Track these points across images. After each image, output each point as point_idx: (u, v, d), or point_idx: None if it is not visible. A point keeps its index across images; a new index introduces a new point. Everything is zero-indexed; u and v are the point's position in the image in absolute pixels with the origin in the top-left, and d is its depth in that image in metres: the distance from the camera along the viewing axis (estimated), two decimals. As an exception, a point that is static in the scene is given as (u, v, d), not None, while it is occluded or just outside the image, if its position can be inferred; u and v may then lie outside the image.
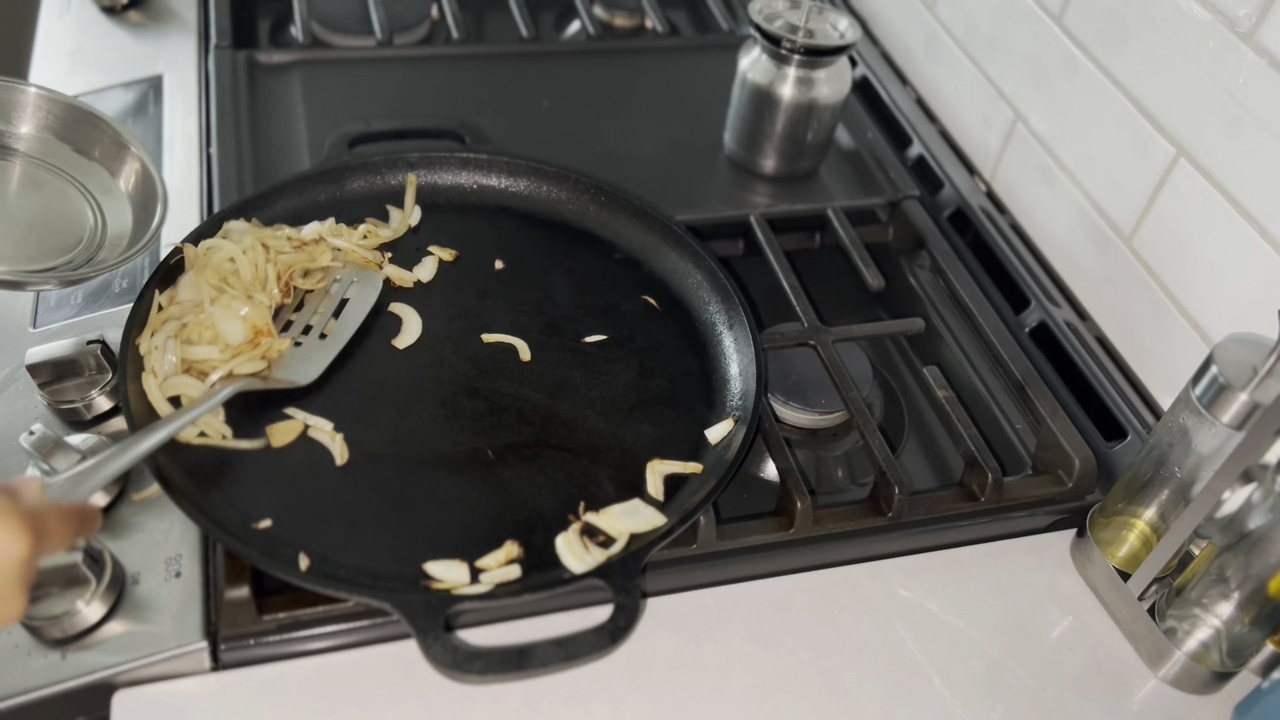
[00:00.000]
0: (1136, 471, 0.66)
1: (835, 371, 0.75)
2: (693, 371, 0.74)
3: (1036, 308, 0.85)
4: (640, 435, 0.69)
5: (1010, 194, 0.94)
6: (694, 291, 0.78)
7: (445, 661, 0.54)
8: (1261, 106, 0.67)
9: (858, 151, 0.99)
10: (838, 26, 0.88)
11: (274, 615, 0.59)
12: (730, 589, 0.65)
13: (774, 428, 0.70)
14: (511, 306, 0.76)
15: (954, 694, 0.62)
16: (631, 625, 0.57)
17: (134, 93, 0.94)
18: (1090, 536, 0.68)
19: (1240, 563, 0.59)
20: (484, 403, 0.70)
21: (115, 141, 0.73)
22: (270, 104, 0.94)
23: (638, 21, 1.14)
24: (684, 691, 0.60)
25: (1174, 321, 0.76)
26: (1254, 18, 0.67)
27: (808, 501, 0.66)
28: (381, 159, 0.82)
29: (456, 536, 0.62)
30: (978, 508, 0.70)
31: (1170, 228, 0.76)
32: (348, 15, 1.05)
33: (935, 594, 0.67)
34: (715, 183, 0.94)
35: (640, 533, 0.63)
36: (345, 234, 0.77)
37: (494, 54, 1.04)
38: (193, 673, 0.58)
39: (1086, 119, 0.83)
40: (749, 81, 0.90)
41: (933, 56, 1.03)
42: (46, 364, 0.66)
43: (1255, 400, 0.57)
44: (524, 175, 0.84)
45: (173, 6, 1.04)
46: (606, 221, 0.82)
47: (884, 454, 0.69)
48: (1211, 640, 0.62)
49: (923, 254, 0.89)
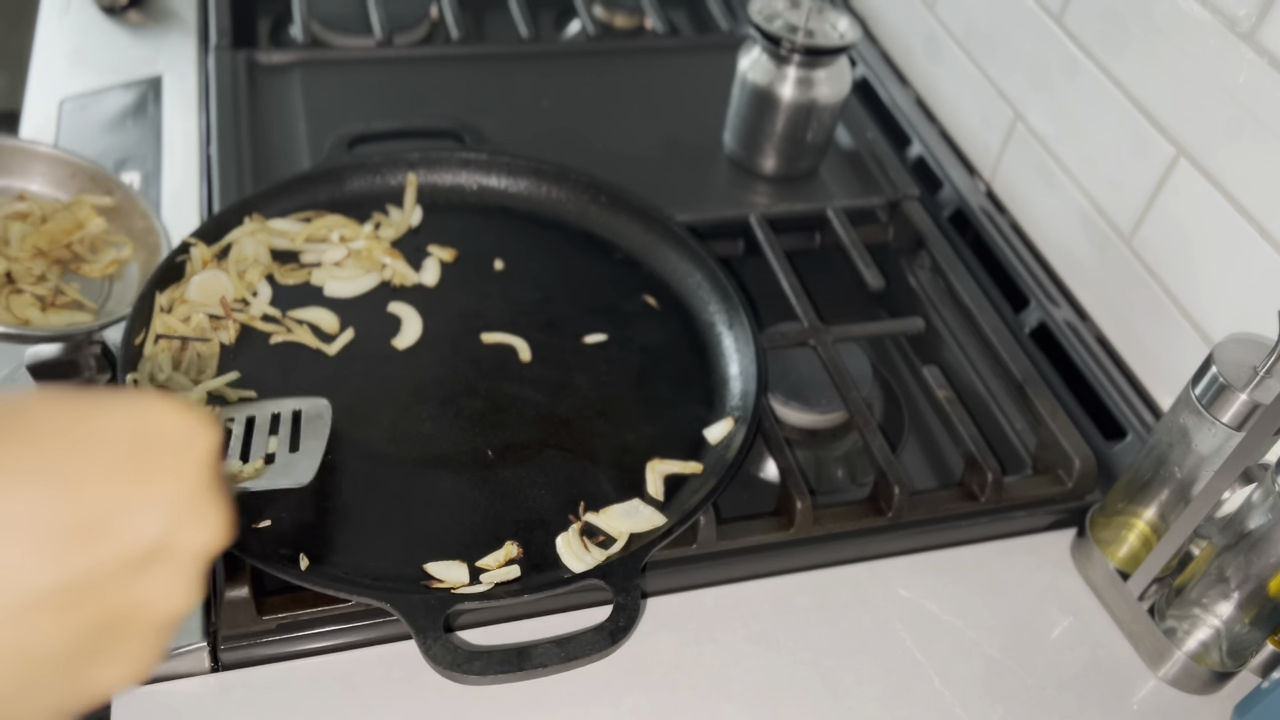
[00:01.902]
0: (1136, 471, 0.66)
1: (835, 371, 0.75)
2: (693, 371, 0.74)
3: (1036, 308, 0.85)
4: (640, 435, 0.69)
5: (1010, 194, 0.94)
6: (694, 291, 0.78)
7: (445, 661, 0.54)
8: (1261, 106, 0.67)
9: (858, 151, 0.98)
10: (838, 26, 0.88)
11: (274, 615, 0.59)
12: (730, 589, 0.65)
13: (774, 428, 0.70)
14: (511, 306, 0.76)
15: (954, 694, 0.62)
16: (631, 625, 0.57)
17: (134, 93, 0.94)
18: (1090, 536, 0.68)
19: (1240, 563, 0.59)
20: (484, 403, 0.70)
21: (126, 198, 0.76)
22: (270, 104, 0.94)
23: (637, 22, 1.14)
24: (684, 691, 0.60)
25: (1174, 321, 0.76)
26: (1254, 18, 0.67)
27: (808, 501, 0.66)
28: (381, 159, 0.82)
29: (456, 536, 0.62)
30: (977, 508, 0.70)
31: (1170, 228, 0.76)
32: (348, 15, 1.05)
33: (935, 594, 0.67)
34: (715, 183, 0.94)
35: (640, 533, 0.63)
36: (353, 229, 0.77)
37: (494, 54, 1.04)
38: (193, 673, 0.58)
39: (1086, 119, 0.83)
40: (749, 81, 0.90)
41: (933, 56, 1.03)
42: (46, 364, 0.66)
43: (1255, 400, 0.57)
44: (524, 175, 0.84)
45: (173, 6, 1.04)
46: (606, 221, 0.82)
47: (884, 454, 0.69)
48: (1211, 640, 0.62)
49: (923, 254, 0.89)
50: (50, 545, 0.28)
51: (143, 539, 0.30)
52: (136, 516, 0.30)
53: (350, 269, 0.76)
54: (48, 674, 0.29)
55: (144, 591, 0.31)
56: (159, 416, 0.31)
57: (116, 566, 0.30)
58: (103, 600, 0.30)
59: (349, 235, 0.77)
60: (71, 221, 0.72)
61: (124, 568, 0.30)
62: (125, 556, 0.30)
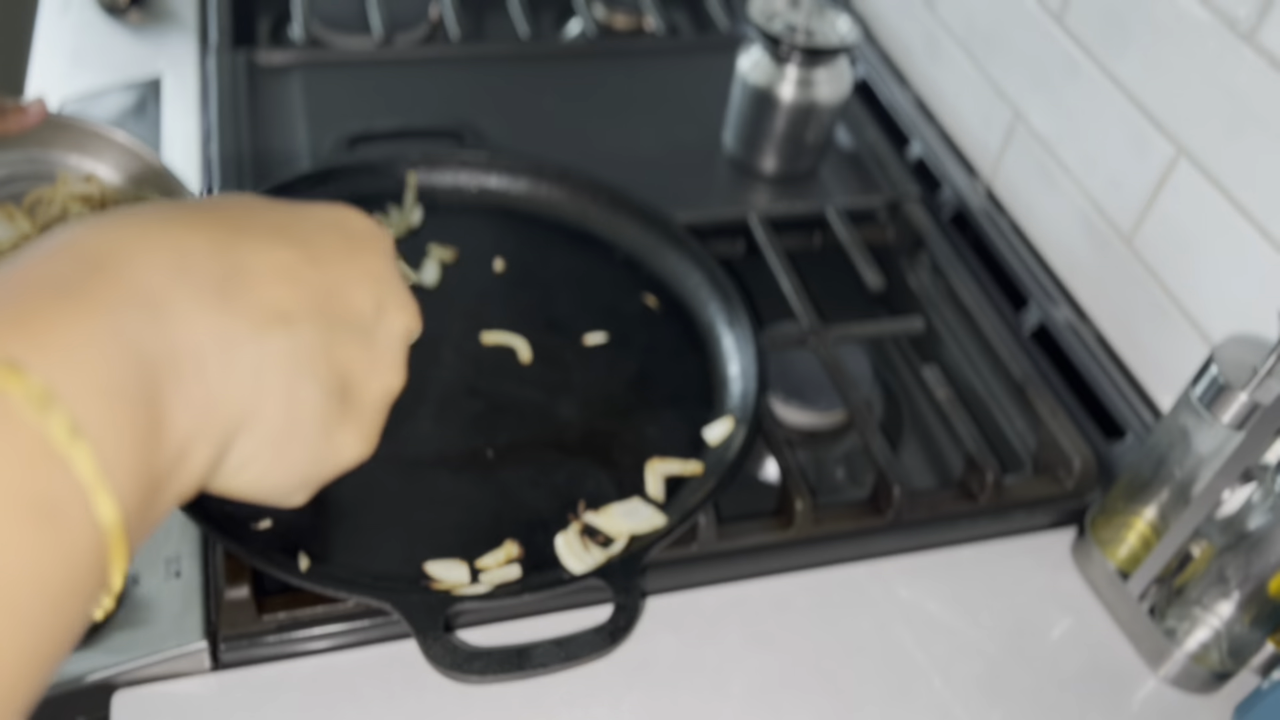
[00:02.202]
0: (1136, 471, 0.66)
1: (835, 371, 0.75)
2: (693, 371, 0.74)
3: (1036, 308, 0.85)
4: (640, 435, 0.69)
5: (1010, 194, 0.94)
6: (694, 292, 0.78)
7: (445, 661, 0.54)
8: (1261, 106, 0.67)
9: (858, 151, 0.99)
10: (837, 26, 0.88)
11: (274, 615, 0.59)
12: (730, 589, 0.65)
13: (774, 428, 0.70)
14: (511, 306, 0.76)
15: (954, 694, 0.62)
16: (631, 625, 0.57)
17: (134, 93, 0.94)
18: (1090, 536, 0.68)
19: (1240, 563, 0.59)
20: (484, 403, 0.70)
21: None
22: (270, 104, 0.94)
23: (637, 22, 1.14)
24: (684, 691, 0.60)
25: (1174, 321, 0.76)
26: (1254, 18, 0.67)
27: (808, 501, 0.66)
28: (381, 159, 0.82)
29: (456, 536, 0.62)
30: (977, 508, 0.70)
31: (1170, 228, 0.76)
32: (348, 15, 1.05)
33: (935, 594, 0.67)
34: (715, 183, 0.94)
35: (640, 533, 0.63)
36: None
37: (494, 54, 1.04)
38: (192, 673, 0.57)
39: (1086, 119, 0.83)
40: (749, 82, 0.90)
41: (933, 56, 1.03)
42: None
43: (1255, 400, 0.57)
44: (524, 175, 0.84)
45: (173, 7, 1.04)
46: (606, 221, 0.82)
47: (884, 454, 0.69)
48: (1211, 640, 0.62)
49: (923, 254, 0.89)
50: (310, 296, 0.32)
51: (366, 308, 0.35)
52: (360, 287, 0.34)
53: None
54: (309, 422, 0.32)
55: (373, 357, 0.35)
56: (352, 217, 0.36)
57: (352, 328, 0.34)
58: (345, 355, 0.33)
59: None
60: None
61: (356, 331, 0.34)
62: (359, 316, 0.34)
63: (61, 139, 0.73)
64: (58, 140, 0.73)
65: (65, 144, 0.74)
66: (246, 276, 0.30)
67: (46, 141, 0.73)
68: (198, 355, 0.28)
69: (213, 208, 0.32)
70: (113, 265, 0.27)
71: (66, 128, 0.73)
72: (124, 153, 0.75)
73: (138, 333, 0.26)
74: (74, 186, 0.72)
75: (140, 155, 0.75)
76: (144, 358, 0.26)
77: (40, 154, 0.73)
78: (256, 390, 0.30)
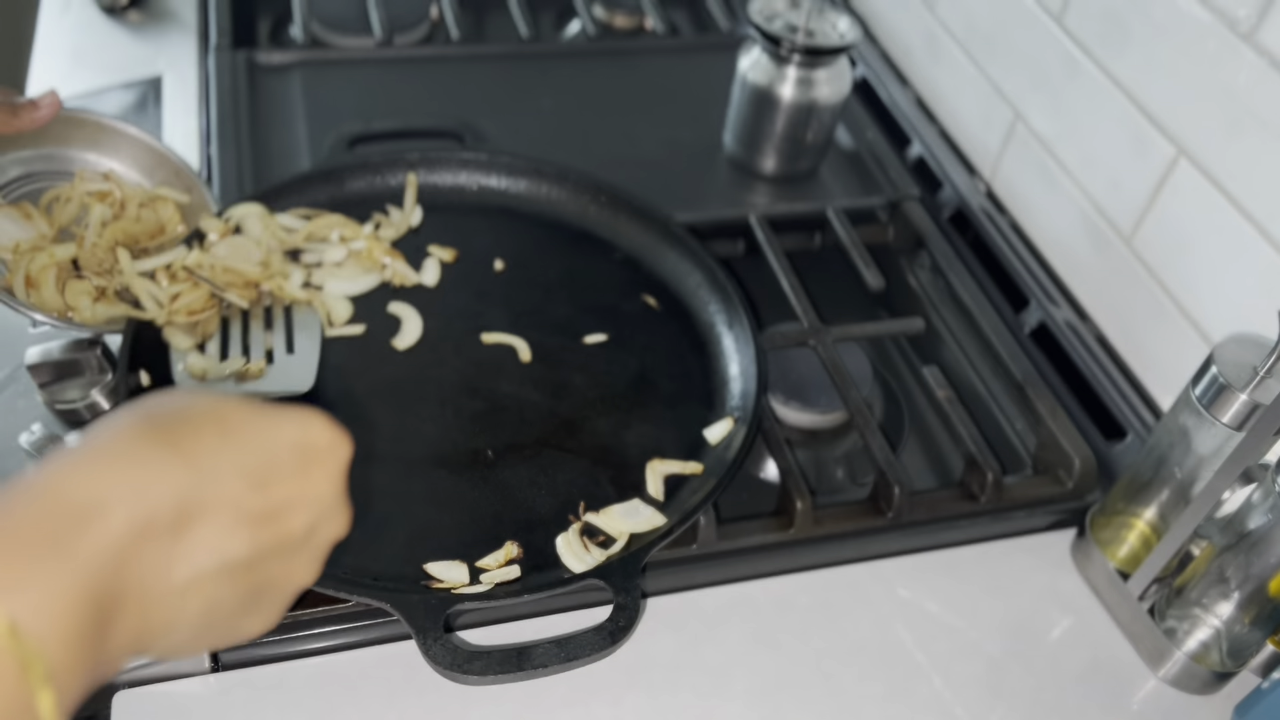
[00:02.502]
0: (1136, 471, 0.66)
1: (835, 371, 0.75)
2: (693, 371, 0.74)
3: (1036, 308, 0.85)
4: (640, 435, 0.69)
5: (1010, 194, 0.94)
6: (694, 292, 0.78)
7: (445, 661, 0.54)
8: (1261, 106, 0.67)
9: (858, 151, 0.99)
10: (838, 26, 0.88)
11: (274, 615, 0.59)
12: (730, 589, 0.65)
13: (774, 428, 0.70)
14: (511, 306, 0.76)
15: (954, 694, 0.62)
16: (631, 625, 0.57)
17: (134, 93, 0.94)
18: (1090, 536, 0.68)
19: (1240, 563, 0.59)
20: (484, 403, 0.70)
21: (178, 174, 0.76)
22: (270, 104, 0.94)
23: (637, 22, 1.14)
24: (684, 691, 0.60)
25: (1174, 321, 0.76)
26: (1254, 18, 0.67)
27: (808, 501, 0.66)
28: (381, 159, 0.82)
29: (456, 536, 0.62)
30: (977, 508, 0.70)
31: (1170, 228, 0.76)
32: (348, 15, 1.05)
33: (935, 594, 0.67)
34: (715, 183, 0.94)
35: (640, 533, 0.63)
36: (353, 229, 0.77)
37: (494, 54, 1.04)
38: (193, 673, 0.58)
39: (1086, 119, 0.83)
40: (749, 82, 0.90)
41: (933, 56, 1.03)
42: (46, 364, 0.66)
43: (1255, 400, 0.57)
44: (524, 175, 0.84)
45: (173, 6, 1.04)
46: (606, 221, 0.82)
47: (884, 454, 0.69)
48: (1211, 640, 0.62)
49: (923, 254, 0.89)
50: (246, 526, 0.37)
51: (301, 527, 0.39)
52: (301, 509, 0.39)
53: (350, 269, 0.76)
54: (219, 621, 0.38)
55: (291, 566, 0.40)
56: (315, 430, 0.40)
57: (282, 546, 0.38)
58: (265, 570, 0.38)
59: (349, 235, 0.77)
60: (155, 223, 0.73)
61: (286, 547, 0.39)
62: (289, 540, 0.38)
63: (77, 136, 0.73)
64: (74, 137, 0.73)
65: (81, 141, 0.73)
66: (197, 520, 0.35)
67: (62, 139, 0.72)
68: (142, 595, 0.34)
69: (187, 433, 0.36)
70: (87, 520, 0.32)
71: (81, 123, 0.73)
72: (140, 147, 0.74)
73: (100, 584, 0.32)
74: (91, 184, 0.72)
75: (156, 150, 0.75)
76: (101, 602, 0.32)
77: (56, 151, 0.73)
78: (182, 607, 0.36)
